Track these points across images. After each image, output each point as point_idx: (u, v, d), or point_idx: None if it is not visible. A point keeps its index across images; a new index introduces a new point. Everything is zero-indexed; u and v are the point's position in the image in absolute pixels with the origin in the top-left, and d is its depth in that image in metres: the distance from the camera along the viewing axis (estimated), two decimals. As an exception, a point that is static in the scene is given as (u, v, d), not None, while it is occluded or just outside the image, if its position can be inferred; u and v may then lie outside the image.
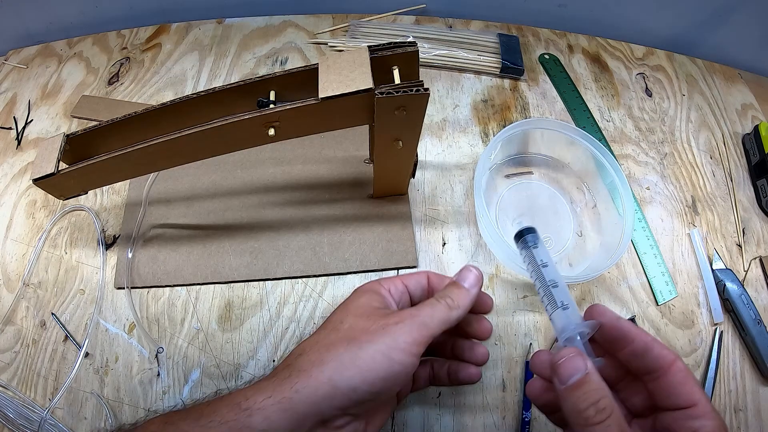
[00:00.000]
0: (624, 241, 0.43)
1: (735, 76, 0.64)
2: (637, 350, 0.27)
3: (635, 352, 0.27)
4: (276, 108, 0.35)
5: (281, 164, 0.53)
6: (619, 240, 0.44)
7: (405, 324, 0.29)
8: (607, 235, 0.47)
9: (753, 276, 0.48)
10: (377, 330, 0.28)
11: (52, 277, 0.47)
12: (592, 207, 0.51)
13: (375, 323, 0.29)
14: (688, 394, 0.25)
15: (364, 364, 0.27)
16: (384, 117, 0.36)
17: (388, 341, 0.28)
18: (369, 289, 0.33)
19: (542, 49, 0.65)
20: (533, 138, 0.52)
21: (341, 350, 0.28)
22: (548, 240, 0.49)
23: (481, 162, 0.46)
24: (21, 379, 0.42)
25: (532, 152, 0.54)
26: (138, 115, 0.39)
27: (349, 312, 0.31)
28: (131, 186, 0.52)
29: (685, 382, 0.26)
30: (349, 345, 0.28)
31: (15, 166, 0.54)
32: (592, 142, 0.48)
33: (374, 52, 0.36)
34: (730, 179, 0.54)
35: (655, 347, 0.27)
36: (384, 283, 0.34)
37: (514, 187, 0.53)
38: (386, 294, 0.33)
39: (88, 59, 0.64)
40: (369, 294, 0.32)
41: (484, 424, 0.40)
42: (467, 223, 0.50)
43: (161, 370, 0.42)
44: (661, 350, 0.27)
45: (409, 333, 0.28)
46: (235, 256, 0.47)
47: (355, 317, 0.30)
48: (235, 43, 0.65)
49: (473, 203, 0.50)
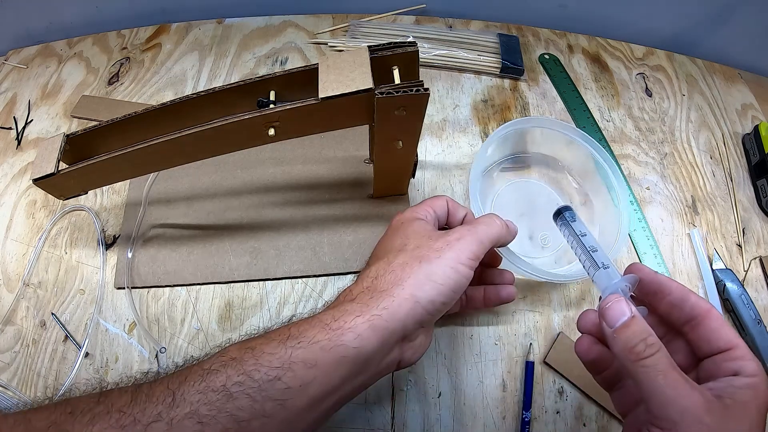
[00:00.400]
0: (621, 237, 0.43)
1: (735, 76, 0.64)
2: (676, 300, 0.29)
3: (674, 302, 0.29)
4: (276, 108, 0.35)
5: (281, 164, 0.53)
6: (615, 237, 0.44)
7: (465, 239, 0.32)
8: (606, 234, 0.47)
9: (753, 276, 0.48)
10: (443, 247, 0.31)
11: (52, 277, 0.47)
12: (588, 204, 0.51)
13: (438, 241, 0.32)
14: (726, 337, 0.27)
15: (438, 278, 0.30)
16: (384, 117, 0.36)
17: (454, 255, 0.31)
18: (414, 217, 0.36)
19: (542, 49, 0.65)
20: (530, 136, 0.52)
21: (415, 268, 0.30)
22: (546, 237, 0.49)
23: (476, 161, 0.46)
24: (21, 379, 0.42)
25: (530, 151, 0.53)
26: (138, 115, 0.39)
27: (409, 237, 0.33)
28: (131, 186, 0.52)
29: (723, 327, 0.27)
30: (421, 263, 0.31)
31: (15, 166, 0.54)
32: (588, 140, 0.48)
33: (374, 52, 0.36)
34: (730, 179, 0.54)
35: (692, 296, 0.29)
36: (419, 211, 0.36)
37: (511, 185, 0.52)
38: (426, 219, 0.36)
39: (88, 59, 0.64)
40: (417, 221, 0.35)
41: (484, 424, 0.40)
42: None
43: (161, 370, 0.42)
44: (698, 300, 0.28)
45: (469, 247, 0.31)
46: (235, 256, 0.47)
47: (418, 239, 0.33)
48: (235, 43, 0.65)
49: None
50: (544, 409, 0.41)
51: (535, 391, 0.41)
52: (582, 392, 0.41)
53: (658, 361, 0.25)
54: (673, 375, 0.25)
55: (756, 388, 0.25)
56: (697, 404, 0.24)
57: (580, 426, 0.40)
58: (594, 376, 0.33)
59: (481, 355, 0.43)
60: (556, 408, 0.41)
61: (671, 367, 0.25)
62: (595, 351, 0.32)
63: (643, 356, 0.25)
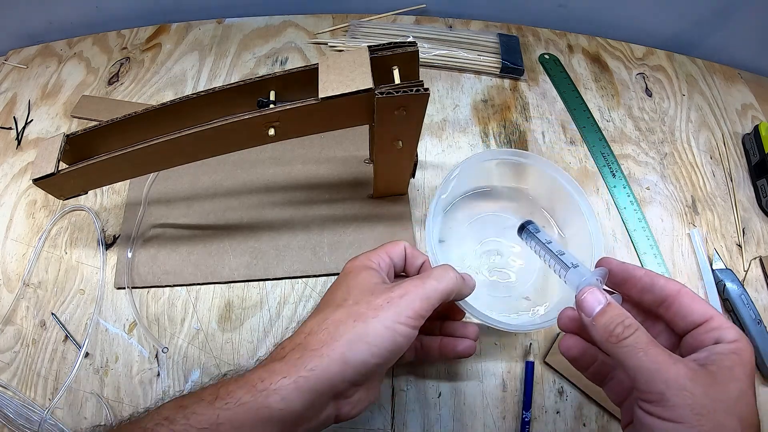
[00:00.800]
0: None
1: (735, 76, 0.64)
2: (645, 285, 0.30)
3: (644, 287, 0.30)
4: (276, 108, 0.35)
5: (281, 164, 0.53)
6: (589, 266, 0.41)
7: (409, 296, 0.30)
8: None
9: (753, 276, 0.48)
10: (382, 305, 0.30)
11: (52, 277, 0.47)
12: (558, 237, 0.48)
13: (379, 297, 0.30)
14: (701, 310, 0.27)
15: (372, 339, 0.28)
16: (384, 117, 0.36)
17: (393, 315, 0.29)
18: (363, 265, 0.34)
19: (542, 49, 0.65)
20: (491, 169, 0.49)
21: (350, 327, 0.29)
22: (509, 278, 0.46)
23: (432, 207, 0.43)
24: (21, 379, 0.42)
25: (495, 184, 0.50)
26: (138, 115, 0.39)
27: (351, 289, 0.32)
28: (131, 186, 0.52)
29: (695, 301, 0.28)
30: (356, 321, 0.29)
31: (15, 166, 0.54)
32: (556, 170, 0.45)
33: (374, 52, 0.36)
34: (730, 179, 0.54)
35: (660, 279, 0.29)
36: (373, 258, 0.35)
37: (476, 220, 0.49)
38: (378, 268, 0.34)
39: (88, 59, 0.64)
40: (366, 270, 0.33)
41: (484, 424, 0.40)
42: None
43: (161, 370, 0.42)
44: (667, 281, 0.29)
45: (411, 306, 0.30)
46: (235, 256, 0.47)
47: (359, 293, 0.31)
48: (235, 43, 0.65)
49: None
50: (544, 409, 0.41)
51: (535, 391, 0.41)
52: (582, 392, 0.41)
53: (637, 340, 0.26)
54: (654, 350, 0.25)
55: (739, 352, 0.25)
56: (680, 374, 0.24)
57: (579, 426, 0.40)
58: (583, 373, 0.33)
59: (481, 355, 0.43)
60: (556, 408, 0.41)
61: (651, 344, 0.26)
62: (579, 347, 0.32)
63: (623, 337, 0.26)
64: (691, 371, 0.25)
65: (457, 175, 0.45)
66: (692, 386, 0.24)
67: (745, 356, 0.25)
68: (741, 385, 0.24)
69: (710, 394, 0.24)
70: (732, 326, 0.27)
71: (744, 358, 0.25)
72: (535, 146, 0.56)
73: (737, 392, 0.24)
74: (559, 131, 0.57)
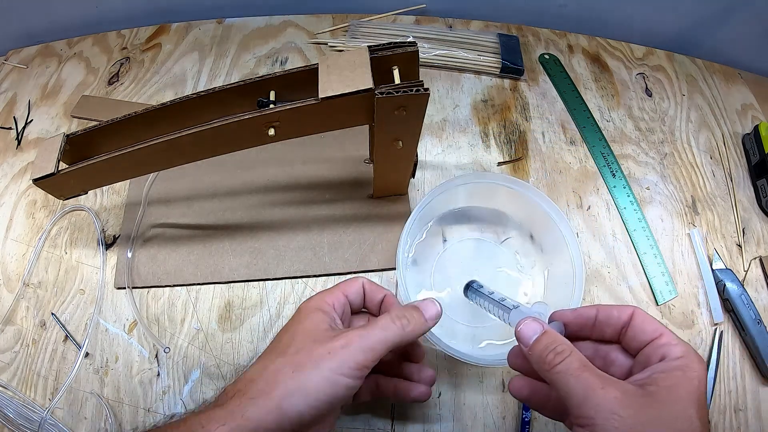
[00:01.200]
0: (575, 296, 0.41)
1: (735, 76, 0.64)
2: (603, 319, 0.30)
3: (602, 323, 0.30)
4: (276, 108, 0.35)
5: (281, 164, 0.53)
6: (571, 295, 0.41)
7: (351, 347, 0.29)
8: (558, 295, 0.43)
9: (753, 276, 0.48)
10: (323, 355, 0.29)
11: (52, 277, 0.47)
12: (539, 264, 0.47)
13: (322, 346, 0.29)
14: (651, 330, 0.27)
15: (309, 391, 0.28)
16: (384, 117, 0.36)
17: (334, 366, 0.28)
18: (315, 307, 0.33)
19: (542, 49, 0.65)
20: (468, 192, 0.48)
21: (288, 377, 0.29)
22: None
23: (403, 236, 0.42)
24: (21, 379, 0.42)
25: (473, 204, 0.50)
26: (138, 115, 0.39)
27: (296, 335, 0.31)
28: (131, 186, 0.52)
29: (646, 321, 0.28)
30: (295, 371, 0.29)
31: (15, 166, 0.54)
32: (539, 195, 0.45)
33: (374, 52, 0.36)
34: (730, 179, 0.54)
35: (612, 309, 0.29)
36: (327, 298, 0.33)
37: (453, 245, 0.48)
38: (330, 310, 0.33)
39: (88, 59, 0.64)
40: (315, 314, 0.32)
41: (484, 424, 0.40)
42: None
43: (161, 370, 0.42)
44: (619, 308, 0.29)
45: (354, 357, 0.29)
46: (235, 256, 0.47)
47: (302, 340, 0.31)
48: (235, 43, 0.65)
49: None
50: (544, 409, 0.41)
51: (535, 391, 0.41)
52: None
53: (569, 365, 0.26)
54: (584, 375, 0.25)
55: (683, 368, 0.25)
56: (609, 398, 0.24)
57: (580, 426, 0.40)
58: (541, 412, 0.32)
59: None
60: (556, 408, 0.41)
61: (583, 368, 0.26)
62: (529, 386, 0.32)
63: (555, 363, 0.26)
64: (622, 394, 0.24)
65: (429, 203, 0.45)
66: (621, 409, 0.24)
67: (691, 373, 0.25)
68: (681, 405, 0.24)
69: (642, 415, 0.23)
70: (680, 343, 0.26)
71: (689, 374, 0.25)
72: (535, 146, 0.56)
73: (676, 412, 0.23)
74: (559, 131, 0.57)
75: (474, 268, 0.47)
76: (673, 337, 0.27)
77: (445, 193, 0.46)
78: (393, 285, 0.46)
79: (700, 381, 0.25)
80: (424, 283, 0.46)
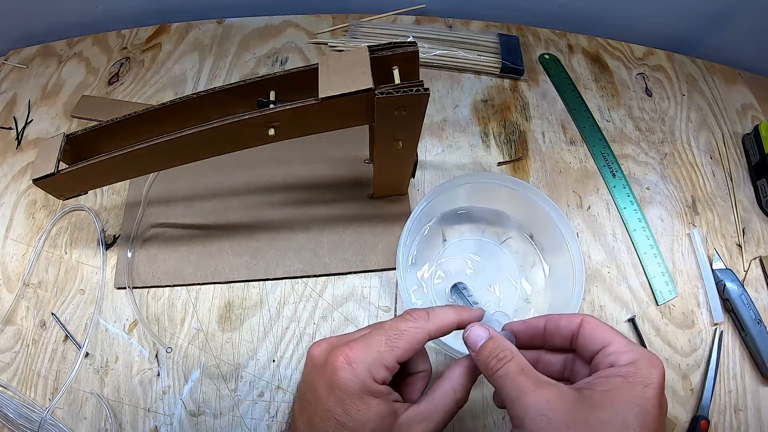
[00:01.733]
0: (571, 309, 0.40)
1: (735, 76, 0.64)
2: (551, 330, 0.30)
3: (551, 332, 0.30)
4: (276, 108, 0.35)
5: (281, 164, 0.53)
6: (571, 295, 0.41)
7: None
8: (558, 296, 0.44)
9: (753, 276, 0.48)
10: None
11: (52, 277, 0.47)
12: (539, 264, 0.47)
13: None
14: (600, 337, 0.27)
15: None
16: (384, 117, 0.36)
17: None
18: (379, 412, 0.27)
19: (542, 49, 0.65)
20: (468, 191, 0.48)
21: None
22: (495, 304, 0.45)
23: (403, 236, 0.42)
24: (21, 379, 0.42)
25: (473, 204, 0.50)
26: (138, 115, 0.39)
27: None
28: (131, 186, 0.52)
29: (597, 329, 0.27)
30: None
31: (15, 166, 0.54)
32: (539, 196, 0.45)
33: (374, 52, 0.36)
34: (730, 179, 0.54)
35: (560, 319, 0.29)
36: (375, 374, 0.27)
37: (453, 245, 0.48)
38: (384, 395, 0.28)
39: (88, 59, 0.64)
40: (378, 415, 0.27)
41: (484, 424, 0.40)
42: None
43: (161, 370, 0.42)
44: (568, 317, 0.29)
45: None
46: (235, 256, 0.47)
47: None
48: (235, 43, 0.65)
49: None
50: (544, 409, 0.41)
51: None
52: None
53: (507, 370, 0.26)
54: (519, 379, 0.26)
55: (627, 375, 0.24)
56: (539, 400, 0.24)
57: (580, 426, 0.40)
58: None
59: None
60: (556, 408, 0.41)
61: (519, 373, 0.26)
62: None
63: (496, 369, 0.27)
64: (555, 396, 0.24)
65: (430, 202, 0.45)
66: (550, 411, 0.24)
67: (634, 379, 0.24)
68: (614, 409, 0.23)
69: (570, 418, 0.23)
70: (631, 350, 0.26)
71: (632, 380, 0.24)
72: (535, 146, 0.56)
73: (607, 416, 0.23)
74: (559, 131, 0.57)
75: (474, 268, 0.47)
76: (624, 345, 0.26)
77: (445, 193, 0.46)
78: (393, 285, 0.46)
79: (648, 387, 0.24)
80: (424, 284, 0.46)
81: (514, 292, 0.46)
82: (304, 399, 0.28)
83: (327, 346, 0.29)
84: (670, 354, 0.44)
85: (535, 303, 0.45)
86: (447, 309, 0.30)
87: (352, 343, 0.28)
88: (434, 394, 0.29)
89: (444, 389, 0.29)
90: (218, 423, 0.41)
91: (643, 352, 0.26)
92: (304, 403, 0.28)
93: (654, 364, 0.25)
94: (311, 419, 0.27)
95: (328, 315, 0.45)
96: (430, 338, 0.29)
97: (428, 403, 0.29)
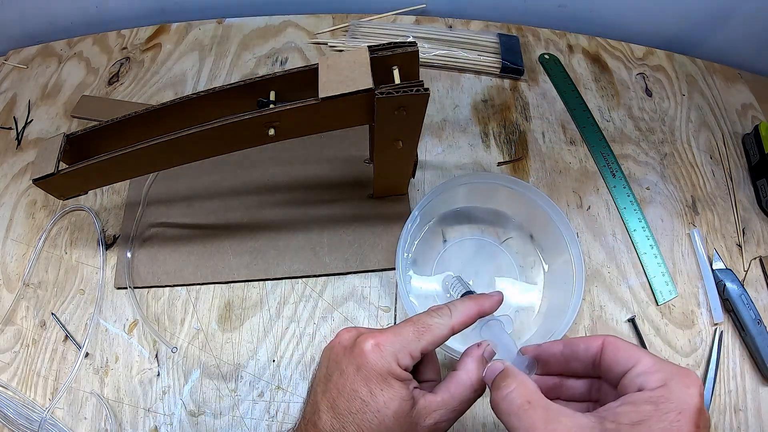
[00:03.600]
0: (571, 310, 0.40)
1: (735, 76, 0.64)
2: (569, 356, 0.28)
3: (569, 357, 0.28)
4: (276, 108, 0.35)
5: (281, 164, 0.53)
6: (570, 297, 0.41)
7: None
8: (558, 296, 0.43)
9: (753, 276, 0.48)
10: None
11: (52, 277, 0.47)
12: (539, 264, 0.47)
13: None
14: (625, 358, 0.25)
15: None
16: (384, 117, 0.36)
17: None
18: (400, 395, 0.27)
19: (542, 49, 0.65)
20: (468, 191, 0.48)
21: None
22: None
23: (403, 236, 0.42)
24: (21, 379, 0.42)
25: (473, 204, 0.50)
26: (138, 115, 0.39)
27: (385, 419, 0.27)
28: (131, 186, 0.52)
29: (620, 349, 0.25)
30: None
31: (15, 166, 0.54)
32: (539, 195, 0.45)
33: (374, 52, 0.36)
34: (730, 179, 0.54)
35: (578, 343, 0.27)
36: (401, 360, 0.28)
37: (453, 245, 0.48)
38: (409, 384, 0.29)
39: (88, 59, 0.64)
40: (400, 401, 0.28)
41: (484, 424, 0.40)
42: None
43: (161, 370, 0.42)
44: (586, 341, 0.27)
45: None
46: (235, 256, 0.47)
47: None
48: (235, 43, 0.65)
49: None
50: (544, 409, 0.41)
51: (535, 391, 0.41)
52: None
53: (510, 403, 0.25)
54: (528, 413, 0.24)
55: (658, 401, 0.22)
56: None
57: (580, 426, 0.40)
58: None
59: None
60: (556, 408, 0.41)
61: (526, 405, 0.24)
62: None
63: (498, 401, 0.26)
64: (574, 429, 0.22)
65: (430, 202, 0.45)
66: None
67: (667, 406, 0.21)
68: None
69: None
70: (661, 369, 0.23)
71: (663, 407, 0.21)
72: (535, 146, 0.56)
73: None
74: (559, 131, 0.57)
75: (474, 268, 0.47)
76: (653, 363, 0.23)
77: (445, 193, 0.46)
78: (393, 285, 0.46)
79: (682, 413, 0.21)
80: (424, 283, 0.46)
81: (514, 293, 0.46)
82: (329, 381, 0.28)
83: (356, 332, 0.29)
84: (670, 354, 0.44)
85: (535, 303, 0.45)
86: (466, 301, 0.31)
87: (381, 330, 0.29)
88: (449, 384, 0.29)
89: (460, 379, 0.29)
90: (218, 423, 0.41)
91: (675, 370, 0.23)
92: (329, 385, 0.28)
93: (688, 382, 0.22)
94: (335, 400, 0.27)
95: (328, 315, 0.45)
96: (453, 333, 0.29)
97: (444, 392, 0.29)
